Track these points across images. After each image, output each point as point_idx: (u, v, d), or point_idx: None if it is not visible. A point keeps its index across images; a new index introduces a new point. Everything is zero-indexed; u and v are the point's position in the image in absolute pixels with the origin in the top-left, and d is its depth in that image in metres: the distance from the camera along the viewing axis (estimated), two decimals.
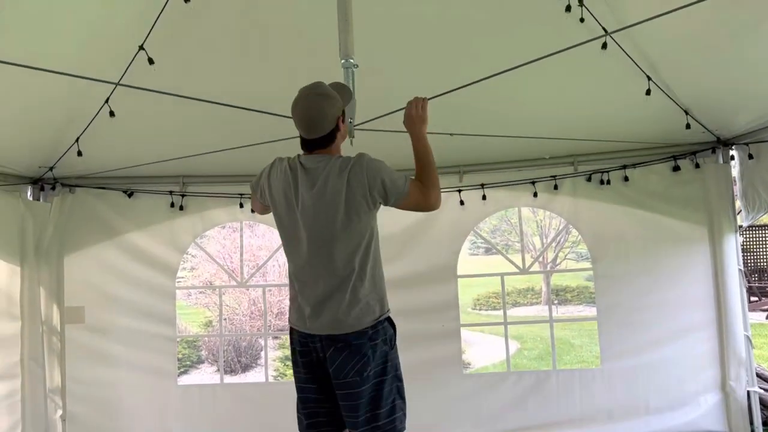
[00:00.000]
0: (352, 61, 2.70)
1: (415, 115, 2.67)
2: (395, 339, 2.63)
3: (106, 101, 3.81)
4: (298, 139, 2.74)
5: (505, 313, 5.67)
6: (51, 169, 4.71)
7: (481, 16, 3.54)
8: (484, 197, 5.07)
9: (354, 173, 2.45)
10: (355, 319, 2.49)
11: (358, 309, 2.49)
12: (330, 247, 2.48)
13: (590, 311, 12.52)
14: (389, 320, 2.62)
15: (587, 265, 5.52)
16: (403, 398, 2.61)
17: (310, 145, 2.53)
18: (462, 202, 5.07)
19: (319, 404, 2.63)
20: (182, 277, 10.70)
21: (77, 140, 4.26)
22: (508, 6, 3.47)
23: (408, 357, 4.88)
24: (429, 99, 2.75)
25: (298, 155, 2.59)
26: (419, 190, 2.58)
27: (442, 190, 4.89)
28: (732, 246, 4.74)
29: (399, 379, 2.61)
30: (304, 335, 2.58)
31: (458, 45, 3.73)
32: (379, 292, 2.58)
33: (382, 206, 2.59)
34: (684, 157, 4.83)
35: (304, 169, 2.51)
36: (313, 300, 2.53)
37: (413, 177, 2.64)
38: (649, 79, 3.81)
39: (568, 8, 3.18)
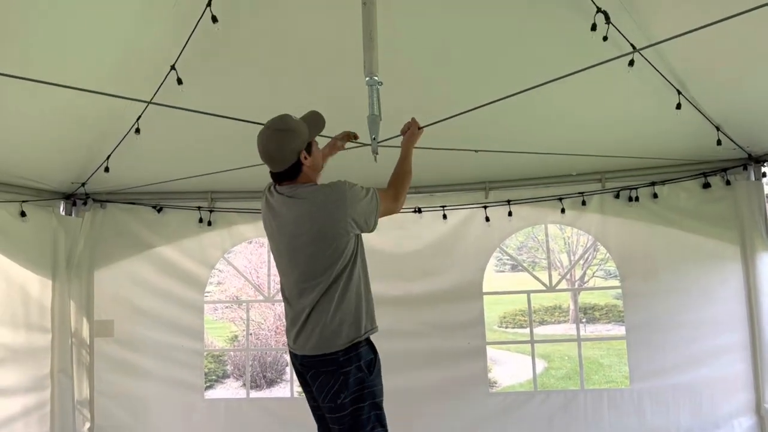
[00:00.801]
0: (376, 78, 2.72)
1: (412, 131, 2.92)
2: (375, 365, 2.57)
3: (138, 119, 3.90)
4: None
5: (531, 332, 5.61)
6: (83, 184, 4.82)
7: (507, 32, 3.55)
8: (510, 214, 5.04)
9: (328, 208, 2.48)
10: (324, 340, 2.50)
11: (329, 331, 2.50)
12: (304, 271, 2.54)
13: (619, 330, 12.33)
14: (369, 344, 2.58)
15: (616, 282, 5.44)
16: (383, 425, 2.56)
17: (277, 177, 2.60)
18: (488, 219, 5.05)
19: (319, 419, 2.74)
20: (209, 292, 10.80)
21: (108, 157, 4.36)
22: (535, 23, 3.47)
23: (433, 375, 4.97)
24: (452, 117, 2.88)
25: (275, 184, 2.66)
26: (391, 200, 2.67)
27: (467, 207, 5.00)
28: (766, 265, 4.62)
29: (377, 407, 2.55)
30: (293, 354, 2.67)
31: (484, 61, 3.74)
32: (355, 315, 2.54)
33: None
34: (714, 173, 4.75)
35: (277, 197, 2.60)
36: (295, 320, 2.61)
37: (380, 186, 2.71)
38: (680, 93, 3.77)
39: (594, 27, 3.17)
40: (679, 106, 3.78)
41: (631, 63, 3.27)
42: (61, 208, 5.00)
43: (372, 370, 2.54)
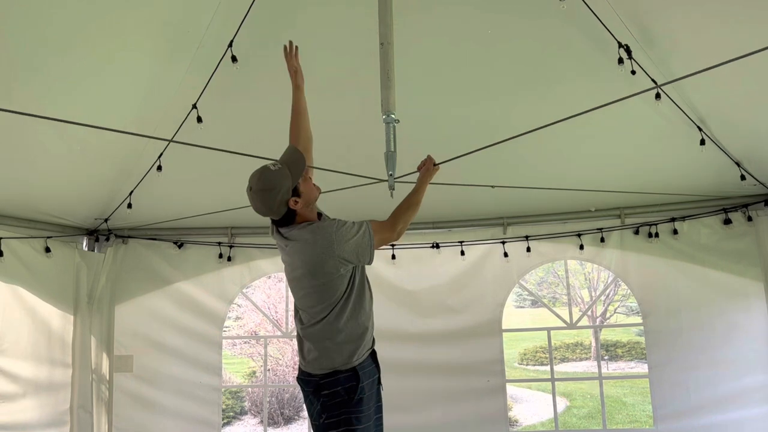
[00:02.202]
0: (393, 116, 2.76)
1: (427, 167, 2.95)
2: (356, 392, 2.57)
3: (159, 157, 3.99)
4: (343, 191, 2.80)
5: (552, 369, 5.53)
6: (106, 220, 4.90)
7: (525, 68, 3.60)
8: (528, 249, 5.02)
9: (316, 249, 2.55)
10: (314, 362, 2.64)
11: (317, 355, 2.63)
12: (305, 301, 2.68)
13: (642, 368, 12.10)
14: (352, 372, 2.59)
15: (638, 319, 5.35)
16: None
17: (275, 224, 2.70)
18: (506, 254, 5.03)
19: None
20: (227, 327, 10.84)
21: (131, 194, 4.44)
22: (553, 58, 3.51)
23: (452, 413, 4.91)
24: (468, 153, 2.91)
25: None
26: (387, 229, 2.69)
27: (485, 242, 5.00)
28: None
29: None
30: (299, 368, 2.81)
31: (502, 97, 3.78)
32: (345, 347, 2.61)
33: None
34: (735, 209, 4.71)
35: (277, 237, 2.72)
36: (299, 337, 2.76)
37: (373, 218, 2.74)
38: (700, 129, 3.77)
39: (621, 61, 3.20)
40: (702, 142, 3.79)
41: (658, 96, 3.29)
42: (84, 244, 5.08)
43: (353, 397, 2.56)
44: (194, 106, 3.58)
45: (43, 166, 3.89)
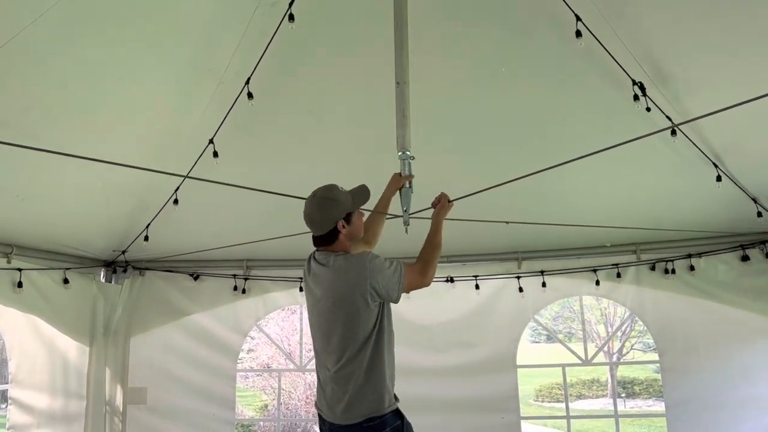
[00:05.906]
0: (408, 153, 2.80)
1: (442, 204, 2.97)
2: (404, 430, 2.57)
3: (176, 191, 4.06)
4: None
5: (567, 407, 5.45)
6: (124, 252, 4.95)
7: (540, 106, 3.63)
8: (543, 284, 4.99)
9: (348, 275, 2.57)
10: (350, 411, 2.54)
11: (354, 401, 2.53)
12: (330, 338, 2.61)
13: (660, 406, 11.86)
14: (395, 412, 2.58)
15: (655, 356, 5.26)
16: None
17: (315, 241, 2.73)
18: (521, 289, 5.00)
19: None
20: (240, 359, 10.79)
21: (147, 227, 4.50)
22: (568, 97, 3.54)
23: None
24: (482, 191, 2.94)
25: (314, 250, 2.77)
26: (417, 273, 2.71)
27: (500, 277, 4.96)
28: None
29: None
30: (321, 419, 2.70)
31: (516, 134, 3.81)
32: (378, 388, 2.56)
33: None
34: (753, 246, 4.66)
35: (313, 263, 2.73)
36: (324, 386, 2.67)
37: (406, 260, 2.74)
38: (716, 166, 3.77)
39: (636, 97, 3.22)
40: (719, 179, 3.78)
41: (674, 133, 3.31)
42: (102, 276, 5.13)
43: None
44: (211, 141, 3.65)
45: (63, 200, 3.96)
